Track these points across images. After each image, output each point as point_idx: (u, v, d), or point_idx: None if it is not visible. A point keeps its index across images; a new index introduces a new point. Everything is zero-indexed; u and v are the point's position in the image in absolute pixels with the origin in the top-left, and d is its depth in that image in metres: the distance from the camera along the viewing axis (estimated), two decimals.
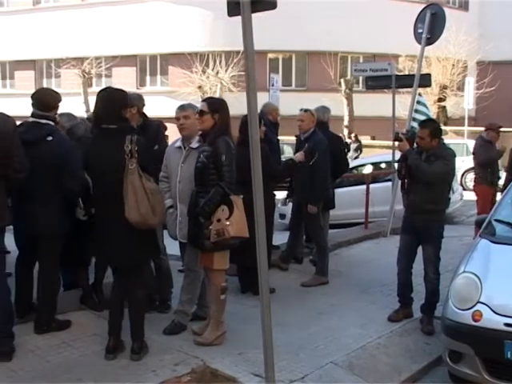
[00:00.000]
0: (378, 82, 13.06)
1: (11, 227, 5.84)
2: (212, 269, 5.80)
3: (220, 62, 30.22)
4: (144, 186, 5.23)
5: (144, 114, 6.73)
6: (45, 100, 5.99)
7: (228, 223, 5.51)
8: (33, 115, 5.90)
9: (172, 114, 6.48)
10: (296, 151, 8.35)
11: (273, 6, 4.65)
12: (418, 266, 6.80)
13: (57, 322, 6.09)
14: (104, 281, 6.83)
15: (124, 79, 31.38)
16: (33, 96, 5.99)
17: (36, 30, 33.81)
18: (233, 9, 4.75)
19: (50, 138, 5.76)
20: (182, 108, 6.31)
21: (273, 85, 17.48)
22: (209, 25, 30.08)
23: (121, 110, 5.48)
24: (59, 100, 6.11)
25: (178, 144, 6.26)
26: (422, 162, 6.45)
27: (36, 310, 6.07)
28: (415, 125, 9.77)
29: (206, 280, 6.09)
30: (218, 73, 30.25)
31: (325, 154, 8.03)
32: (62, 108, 8.56)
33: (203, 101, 6.04)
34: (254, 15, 4.63)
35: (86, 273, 6.78)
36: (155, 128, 6.83)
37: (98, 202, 5.51)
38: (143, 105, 6.76)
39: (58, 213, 5.78)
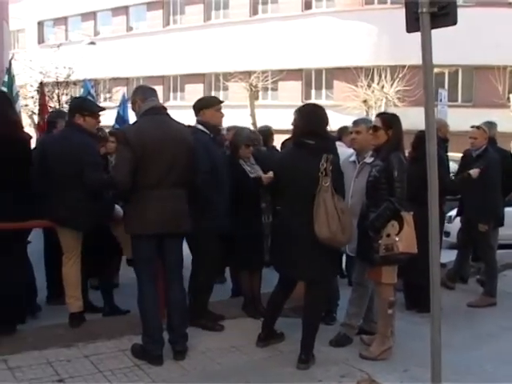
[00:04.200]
0: None
1: None
2: (380, 283, 5.81)
3: (385, 77, 29.95)
4: (335, 205, 5.33)
5: None
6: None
7: (397, 239, 5.50)
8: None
9: (336, 127, 6.61)
10: (463, 168, 8.22)
11: (453, 21, 4.59)
12: None
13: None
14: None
15: (290, 93, 31.90)
16: None
17: (206, 45, 34.98)
18: (412, 25, 4.76)
19: None
20: (355, 123, 6.46)
21: (440, 100, 17.20)
22: (374, 39, 29.98)
23: (323, 127, 5.66)
24: (206, 103, 6.52)
25: (353, 158, 6.35)
26: None
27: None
28: None
29: (375, 294, 6.12)
30: (383, 87, 29.98)
31: (497, 172, 7.86)
32: (229, 121, 8.89)
33: (377, 116, 6.08)
34: None
35: (250, 280, 6.97)
36: (332, 141, 6.93)
37: (284, 212, 5.69)
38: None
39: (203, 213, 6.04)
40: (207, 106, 6.44)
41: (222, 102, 6.64)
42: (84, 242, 6.35)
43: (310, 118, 5.65)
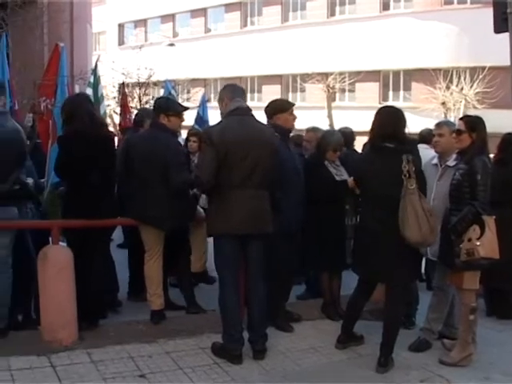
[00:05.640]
0: None
1: None
2: (462, 288, 5.70)
3: (464, 78, 29.47)
4: (423, 207, 5.29)
5: None
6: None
7: (478, 243, 5.38)
8: None
9: (415, 129, 6.54)
10: None
11: None
12: None
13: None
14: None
15: (367, 94, 31.71)
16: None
17: (283, 46, 35.12)
18: (499, 25, 4.69)
19: None
20: (437, 126, 6.37)
21: None
22: (453, 40, 29.50)
23: (402, 130, 5.61)
24: (280, 107, 6.45)
25: (435, 161, 6.27)
26: None
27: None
28: None
29: (456, 299, 6.03)
30: (462, 89, 29.50)
31: None
32: (306, 122, 8.88)
33: (460, 119, 5.99)
34: None
35: (330, 282, 6.95)
36: (411, 144, 6.86)
37: (365, 214, 5.71)
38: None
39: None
40: (281, 110, 6.39)
41: (293, 104, 6.64)
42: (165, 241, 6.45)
43: (389, 121, 5.59)
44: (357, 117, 23.77)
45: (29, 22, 13.94)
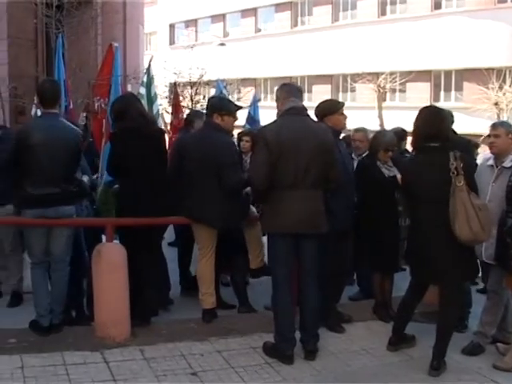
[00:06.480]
0: None
1: None
2: None
3: None
4: (473, 203, 5.22)
5: (453, 130, 6.70)
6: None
7: None
8: None
9: (466, 130, 6.42)
10: None
11: None
12: None
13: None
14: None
15: (418, 94, 31.29)
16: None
17: (334, 46, 34.99)
18: None
19: None
20: (493, 126, 6.22)
21: None
22: (507, 39, 29.02)
23: (445, 128, 5.57)
24: (331, 108, 6.36)
25: (491, 162, 6.16)
26: None
27: None
28: None
29: (511, 303, 5.93)
30: None
31: None
32: (356, 122, 8.84)
33: None
34: None
35: (381, 283, 6.90)
36: (464, 144, 6.78)
37: (417, 215, 5.65)
38: (452, 121, 6.74)
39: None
40: (332, 112, 6.32)
41: (343, 104, 6.60)
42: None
43: (431, 121, 5.54)
44: (408, 117, 23.43)
45: (84, 22, 14.13)
